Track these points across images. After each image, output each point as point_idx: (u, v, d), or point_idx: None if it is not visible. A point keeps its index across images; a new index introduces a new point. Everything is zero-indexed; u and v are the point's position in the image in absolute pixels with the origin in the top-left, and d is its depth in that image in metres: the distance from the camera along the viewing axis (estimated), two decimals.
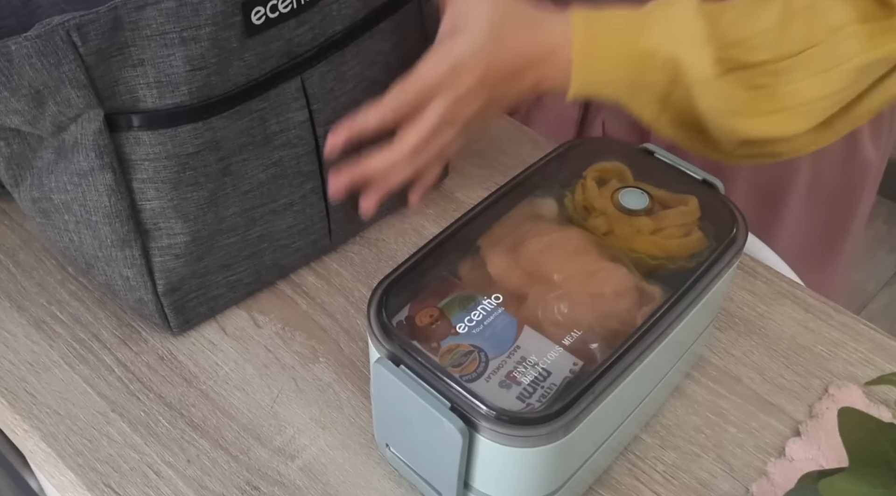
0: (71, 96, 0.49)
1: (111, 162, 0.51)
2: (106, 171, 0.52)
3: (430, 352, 0.45)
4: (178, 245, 0.56)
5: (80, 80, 0.48)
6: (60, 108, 0.49)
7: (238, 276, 0.61)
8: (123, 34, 0.48)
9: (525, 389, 0.44)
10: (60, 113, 0.50)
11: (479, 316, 0.47)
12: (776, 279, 0.66)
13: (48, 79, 0.48)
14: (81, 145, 0.51)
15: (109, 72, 0.49)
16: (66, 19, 0.46)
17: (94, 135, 0.50)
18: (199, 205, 0.55)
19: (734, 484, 0.53)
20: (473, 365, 0.45)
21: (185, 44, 0.49)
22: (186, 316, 0.60)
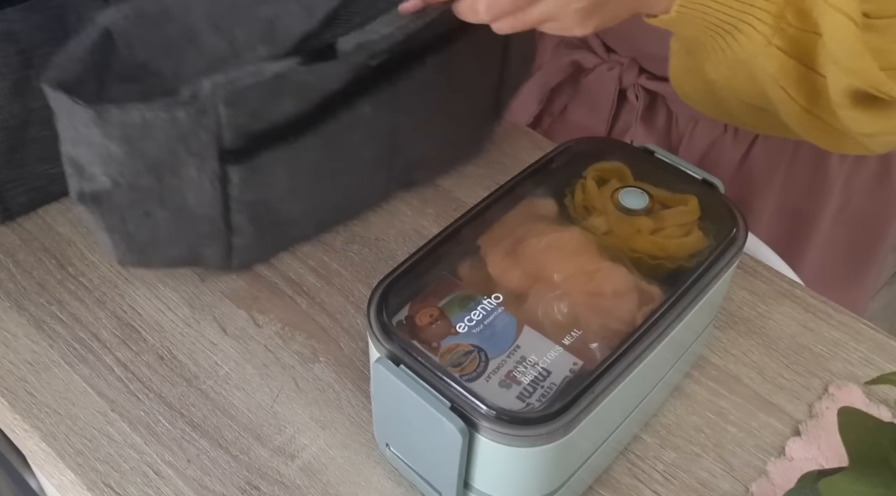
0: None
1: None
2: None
3: (429, 351, 0.45)
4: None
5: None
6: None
7: (58, 170, 0.63)
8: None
9: (525, 389, 0.44)
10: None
11: (479, 315, 0.47)
12: (776, 279, 0.66)
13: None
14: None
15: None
16: None
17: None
18: (3, 95, 0.57)
19: (734, 483, 0.53)
20: (473, 364, 0.45)
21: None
22: (6, 205, 0.63)
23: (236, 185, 0.55)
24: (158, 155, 0.51)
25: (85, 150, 0.51)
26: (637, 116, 0.81)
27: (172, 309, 0.62)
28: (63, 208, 0.69)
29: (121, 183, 0.53)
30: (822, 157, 0.79)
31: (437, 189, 0.72)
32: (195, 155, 0.52)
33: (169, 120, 0.49)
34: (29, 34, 0.60)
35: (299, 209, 0.62)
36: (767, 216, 0.83)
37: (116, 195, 0.53)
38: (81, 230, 0.67)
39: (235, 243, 0.60)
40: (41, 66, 0.60)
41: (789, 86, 0.56)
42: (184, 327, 0.61)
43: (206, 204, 0.55)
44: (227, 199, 0.56)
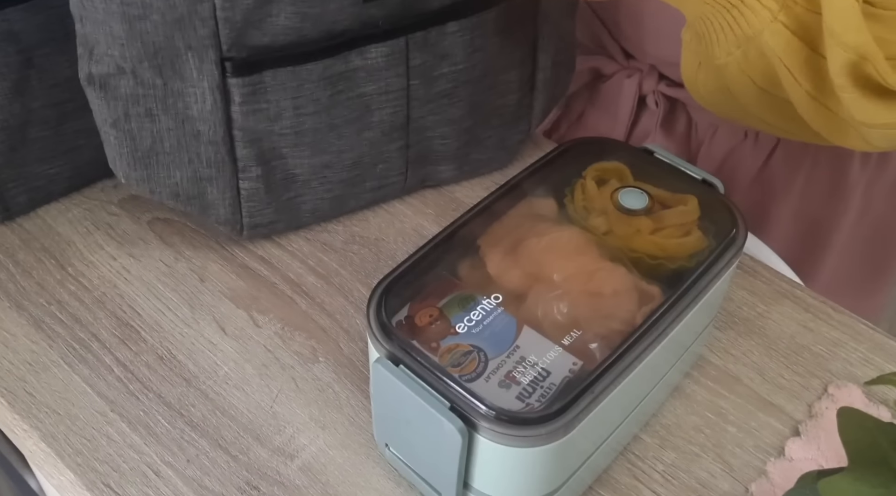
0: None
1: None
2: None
3: (429, 351, 0.45)
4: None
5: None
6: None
7: (57, 170, 0.66)
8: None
9: (524, 389, 0.44)
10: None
11: (479, 316, 0.47)
12: (776, 279, 0.66)
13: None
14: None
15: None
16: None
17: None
18: (3, 94, 0.59)
19: (734, 483, 0.53)
20: (473, 365, 0.45)
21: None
22: (6, 204, 0.64)
23: (238, 103, 0.56)
24: (156, 40, 0.52)
25: (91, 26, 0.53)
26: (657, 123, 0.81)
27: (172, 309, 0.62)
28: (63, 208, 0.69)
29: (125, 69, 0.54)
30: (842, 162, 0.78)
31: (437, 189, 0.72)
32: (194, 50, 0.53)
33: (165, 1, 0.51)
34: (29, 34, 0.60)
35: (309, 165, 0.62)
36: (786, 223, 0.82)
37: (122, 83, 0.54)
38: (81, 230, 0.68)
39: (243, 188, 0.60)
40: (41, 65, 0.61)
41: (794, 67, 0.56)
42: (183, 327, 0.61)
43: (207, 120, 0.56)
44: (229, 121, 0.57)
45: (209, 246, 0.67)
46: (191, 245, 0.67)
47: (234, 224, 0.63)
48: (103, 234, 0.67)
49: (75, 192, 0.70)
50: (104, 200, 0.70)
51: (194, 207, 0.62)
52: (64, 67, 0.62)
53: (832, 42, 0.52)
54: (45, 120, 0.64)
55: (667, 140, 0.81)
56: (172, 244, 0.67)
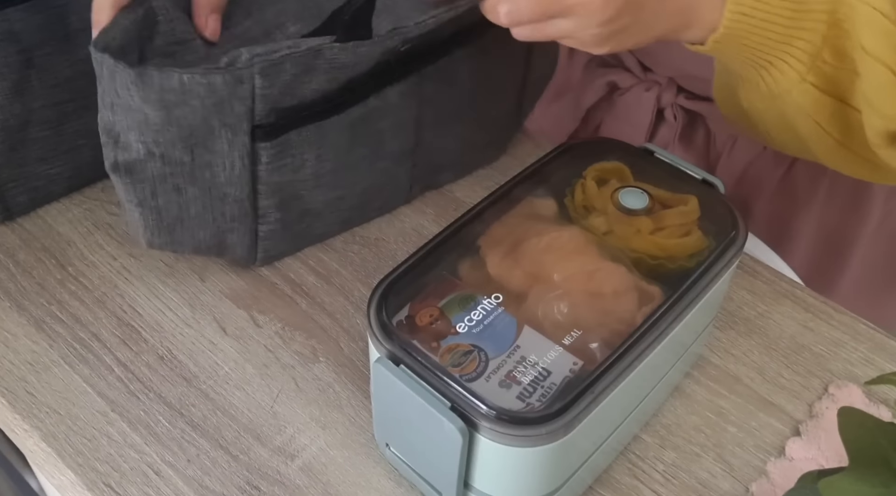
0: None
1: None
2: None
3: (430, 351, 0.45)
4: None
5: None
6: None
7: (58, 170, 0.66)
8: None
9: (525, 389, 0.44)
10: None
11: (479, 315, 0.47)
12: (776, 279, 0.66)
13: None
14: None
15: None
16: None
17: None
18: (4, 94, 0.58)
19: (734, 483, 0.53)
20: (473, 364, 0.45)
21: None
22: (6, 204, 0.64)
23: (265, 164, 0.56)
24: (193, 123, 0.52)
25: (122, 115, 0.52)
26: (675, 136, 0.81)
27: (172, 309, 0.62)
28: (63, 208, 0.69)
29: (154, 153, 0.53)
30: None
31: (437, 189, 0.72)
32: (228, 127, 0.53)
33: (206, 86, 0.50)
34: (30, 34, 0.60)
35: (323, 200, 0.62)
36: (807, 234, 0.82)
37: (149, 166, 0.54)
38: (81, 230, 0.68)
39: (261, 231, 0.61)
40: (42, 65, 0.61)
41: (823, 120, 0.56)
42: (184, 327, 0.61)
43: (235, 183, 0.56)
44: (255, 180, 0.57)
45: None
46: None
47: (249, 260, 0.64)
48: (104, 234, 0.67)
49: (75, 192, 0.70)
50: (104, 200, 0.70)
51: (211, 254, 0.62)
52: (64, 67, 0.62)
53: (871, 112, 0.53)
54: (45, 120, 0.64)
55: (686, 152, 0.81)
56: None
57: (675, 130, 0.80)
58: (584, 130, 0.88)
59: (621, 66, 0.83)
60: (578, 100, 0.86)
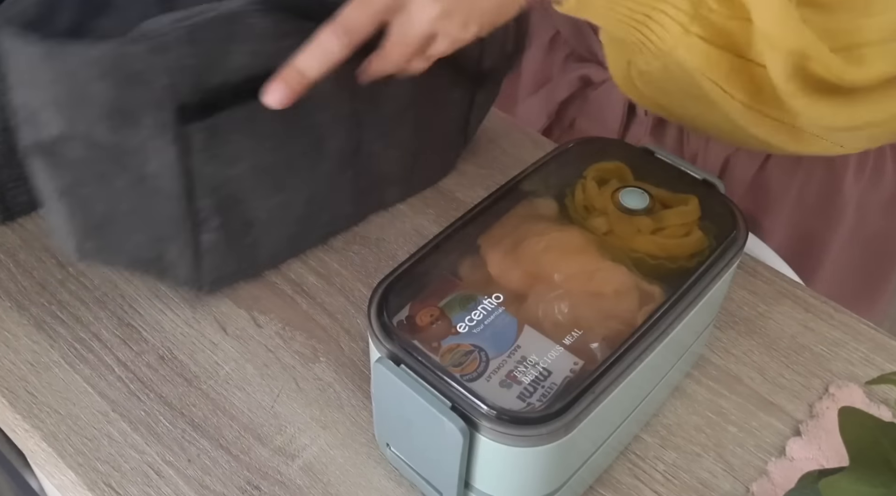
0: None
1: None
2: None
3: (430, 351, 0.45)
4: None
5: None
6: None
7: None
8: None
9: (525, 389, 0.44)
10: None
11: (480, 315, 0.47)
12: (776, 279, 0.66)
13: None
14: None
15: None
16: None
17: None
18: (3, 94, 0.54)
19: (734, 483, 0.53)
20: (474, 364, 0.45)
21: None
22: (6, 205, 0.63)
23: (197, 151, 0.53)
24: (113, 100, 0.49)
25: (35, 92, 0.49)
26: (646, 131, 0.81)
27: (173, 309, 0.62)
28: None
29: (73, 133, 0.50)
30: (836, 174, 0.77)
31: (438, 189, 0.72)
32: (151, 105, 0.49)
33: (122, 58, 0.47)
34: None
35: (266, 207, 0.59)
36: (780, 234, 0.82)
37: (71, 147, 0.50)
38: None
39: (203, 242, 0.57)
40: None
41: (720, 79, 0.52)
42: (184, 327, 0.61)
43: (166, 175, 0.52)
44: (189, 173, 0.53)
45: None
46: None
47: (195, 282, 0.60)
48: None
49: None
50: None
51: (152, 273, 0.59)
52: None
53: (771, 48, 0.49)
54: None
55: (660, 143, 0.81)
56: None
57: (646, 126, 0.80)
58: (559, 126, 0.88)
59: (595, 60, 0.82)
60: (552, 94, 0.85)
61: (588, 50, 0.82)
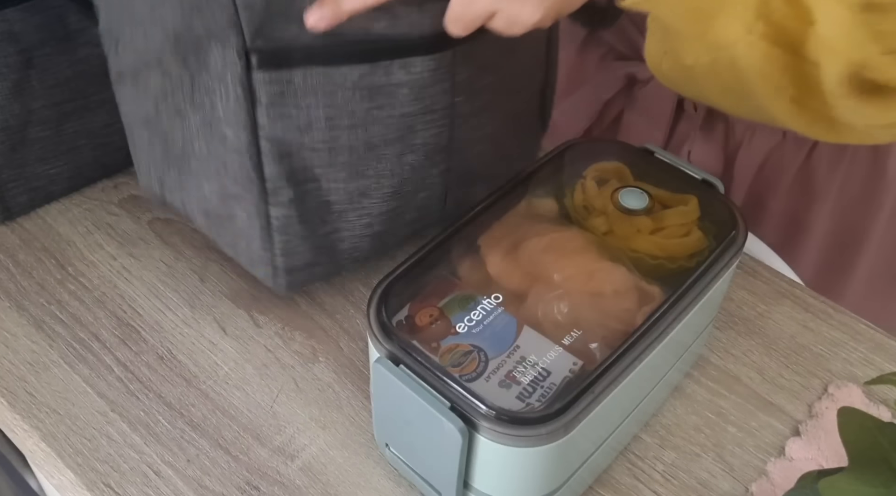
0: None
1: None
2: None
3: (429, 351, 0.45)
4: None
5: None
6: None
7: (57, 170, 0.65)
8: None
9: (525, 389, 0.44)
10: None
11: (479, 315, 0.47)
12: (776, 279, 0.66)
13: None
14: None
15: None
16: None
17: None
18: (3, 95, 0.58)
19: (734, 483, 0.53)
20: (473, 364, 0.45)
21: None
22: (6, 204, 0.64)
23: (264, 105, 0.51)
24: (176, 26, 0.50)
25: (116, 14, 0.51)
26: (697, 126, 0.79)
27: (172, 309, 0.62)
28: (63, 208, 0.69)
29: (150, 58, 0.51)
30: (880, 159, 0.77)
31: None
32: (215, 38, 0.49)
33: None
34: (29, 34, 0.60)
35: (344, 189, 0.56)
36: (822, 226, 0.81)
37: (152, 76, 0.52)
38: (81, 230, 0.68)
39: (273, 214, 0.55)
40: (41, 66, 0.61)
41: (774, 75, 0.53)
42: (183, 327, 0.61)
43: (232, 121, 0.52)
44: (255, 128, 0.52)
45: (209, 246, 0.67)
46: (191, 245, 0.67)
47: (268, 265, 0.58)
48: (103, 234, 0.67)
49: (75, 192, 0.70)
50: (104, 200, 0.70)
51: (226, 232, 0.58)
52: (64, 67, 0.63)
53: (832, 57, 0.50)
54: (45, 120, 0.64)
55: (706, 143, 0.80)
56: (172, 244, 0.67)
57: (695, 122, 0.80)
58: (600, 125, 0.87)
59: (640, 58, 0.81)
60: (596, 94, 0.85)
61: (631, 47, 0.81)
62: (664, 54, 0.59)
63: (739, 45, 0.51)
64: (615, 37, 0.82)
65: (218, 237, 0.58)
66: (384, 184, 0.57)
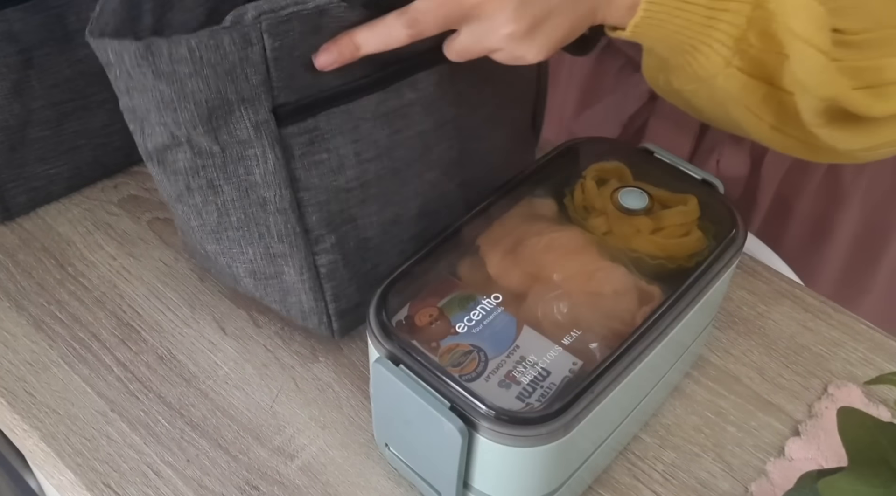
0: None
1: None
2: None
3: (429, 351, 0.45)
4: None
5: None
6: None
7: (57, 170, 0.66)
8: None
9: (524, 389, 0.44)
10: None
11: (479, 315, 0.47)
12: (776, 279, 0.66)
13: None
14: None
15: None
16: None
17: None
18: (3, 95, 0.59)
19: (734, 483, 0.53)
20: (473, 364, 0.45)
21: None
22: (6, 204, 0.64)
23: (299, 157, 0.52)
24: (208, 97, 0.50)
25: (139, 96, 0.51)
26: (725, 134, 0.79)
27: (172, 309, 0.62)
28: (63, 208, 0.69)
29: (180, 138, 0.51)
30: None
31: None
32: (246, 103, 0.50)
33: (215, 48, 0.48)
34: (29, 34, 0.60)
35: (378, 222, 0.57)
36: (849, 227, 0.81)
37: (180, 156, 0.52)
38: (81, 230, 0.68)
39: (320, 263, 0.56)
40: (41, 66, 0.61)
41: (754, 105, 0.55)
42: (183, 327, 0.61)
43: (271, 183, 0.53)
44: (294, 183, 0.53)
45: None
46: None
47: (321, 314, 0.58)
48: (103, 234, 0.67)
49: (75, 192, 0.70)
50: (104, 200, 0.70)
51: (274, 290, 0.58)
52: (64, 67, 0.63)
53: (804, 94, 0.51)
54: (45, 120, 0.64)
55: (734, 149, 0.79)
56: (172, 244, 0.67)
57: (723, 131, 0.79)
58: (625, 135, 0.86)
59: None
60: (620, 106, 0.84)
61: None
62: (659, 71, 0.60)
63: (719, 78, 0.53)
64: (633, 48, 0.82)
65: (266, 296, 0.59)
66: (411, 206, 0.59)
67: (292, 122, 0.52)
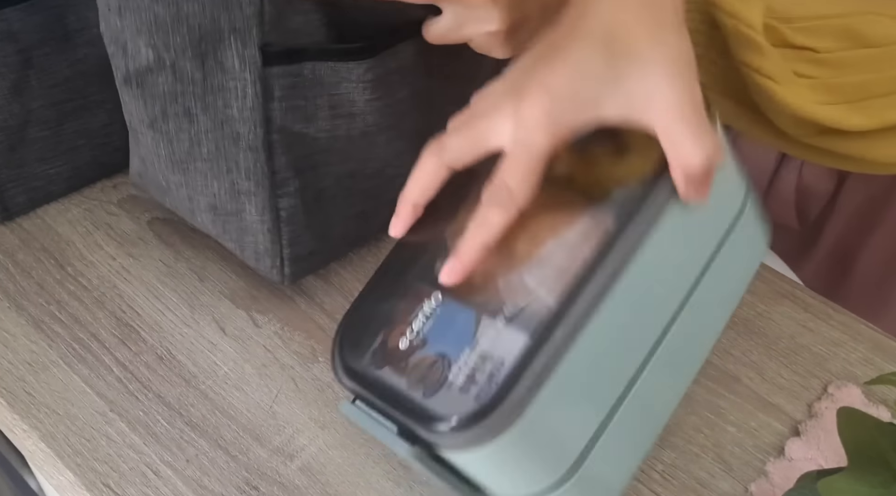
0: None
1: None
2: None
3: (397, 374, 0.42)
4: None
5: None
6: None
7: (57, 170, 0.66)
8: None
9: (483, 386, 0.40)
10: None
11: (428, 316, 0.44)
12: (775, 279, 0.66)
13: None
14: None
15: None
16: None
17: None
18: (3, 95, 0.58)
19: (733, 483, 0.53)
20: (437, 375, 0.41)
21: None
22: (5, 204, 0.64)
23: (278, 99, 0.52)
24: (202, 23, 0.50)
25: (131, 16, 0.50)
26: (798, 167, 0.76)
27: (171, 309, 0.62)
28: (62, 208, 0.69)
29: (165, 60, 0.51)
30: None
31: None
32: (237, 32, 0.50)
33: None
34: (29, 34, 0.60)
35: (334, 175, 0.57)
36: (876, 253, 0.80)
37: (160, 79, 0.52)
38: (80, 230, 0.68)
39: (282, 206, 0.56)
40: (41, 65, 0.61)
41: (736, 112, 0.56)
42: (183, 327, 0.61)
43: (248, 119, 0.52)
44: (269, 123, 0.53)
45: (209, 246, 0.67)
46: (190, 245, 0.67)
47: (275, 257, 0.58)
48: (103, 234, 0.67)
49: (75, 192, 0.70)
50: (104, 200, 0.70)
51: (232, 228, 0.58)
52: (63, 67, 0.63)
53: (777, 110, 0.53)
54: (45, 120, 0.64)
55: (815, 167, 0.76)
56: (172, 244, 0.67)
57: (796, 163, 0.76)
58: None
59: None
60: None
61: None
62: None
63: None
64: None
65: (223, 233, 0.59)
66: (370, 166, 0.59)
67: (278, 63, 0.52)
